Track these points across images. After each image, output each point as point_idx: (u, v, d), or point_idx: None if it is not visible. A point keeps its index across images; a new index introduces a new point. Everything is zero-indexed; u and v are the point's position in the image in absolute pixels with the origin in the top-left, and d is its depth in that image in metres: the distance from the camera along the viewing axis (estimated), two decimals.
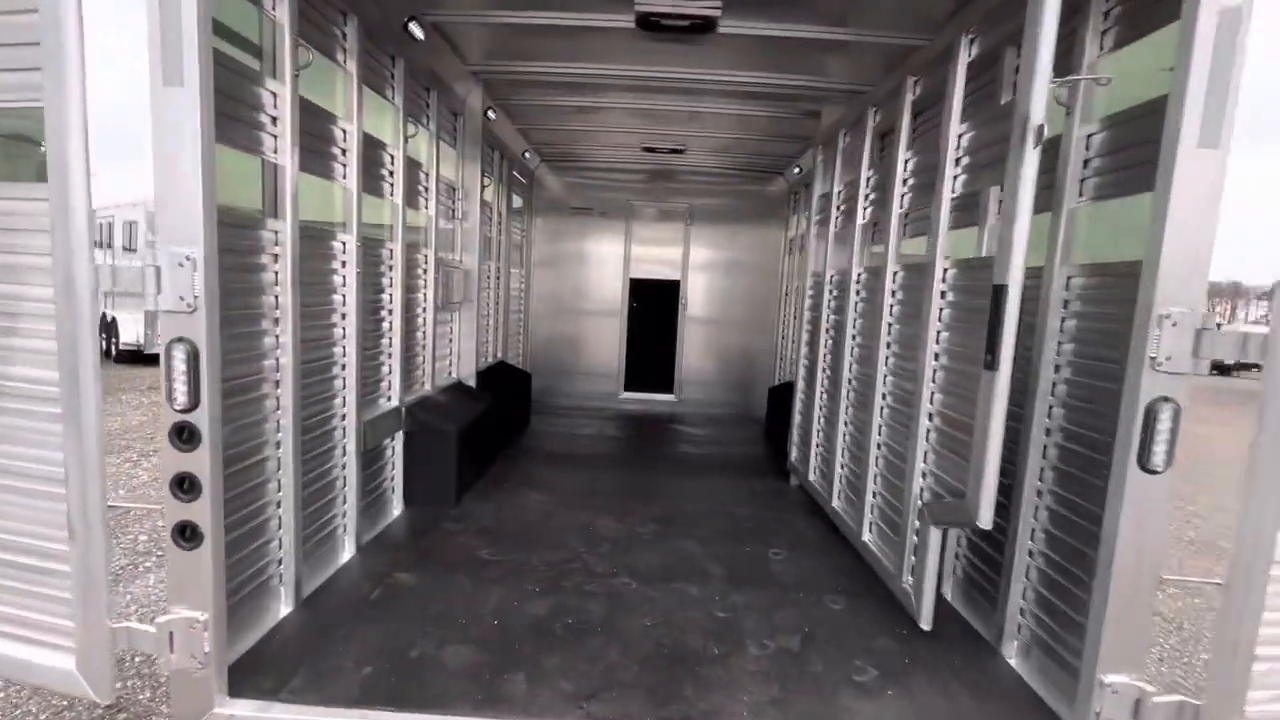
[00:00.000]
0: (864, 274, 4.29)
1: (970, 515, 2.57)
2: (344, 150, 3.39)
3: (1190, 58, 1.99)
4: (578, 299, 9.02)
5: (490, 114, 5.48)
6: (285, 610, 2.99)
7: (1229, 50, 1.96)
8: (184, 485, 2.20)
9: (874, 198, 4.21)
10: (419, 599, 3.21)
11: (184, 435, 2.18)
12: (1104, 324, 2.54)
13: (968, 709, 2.58)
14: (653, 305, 8.97)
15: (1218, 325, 2.11)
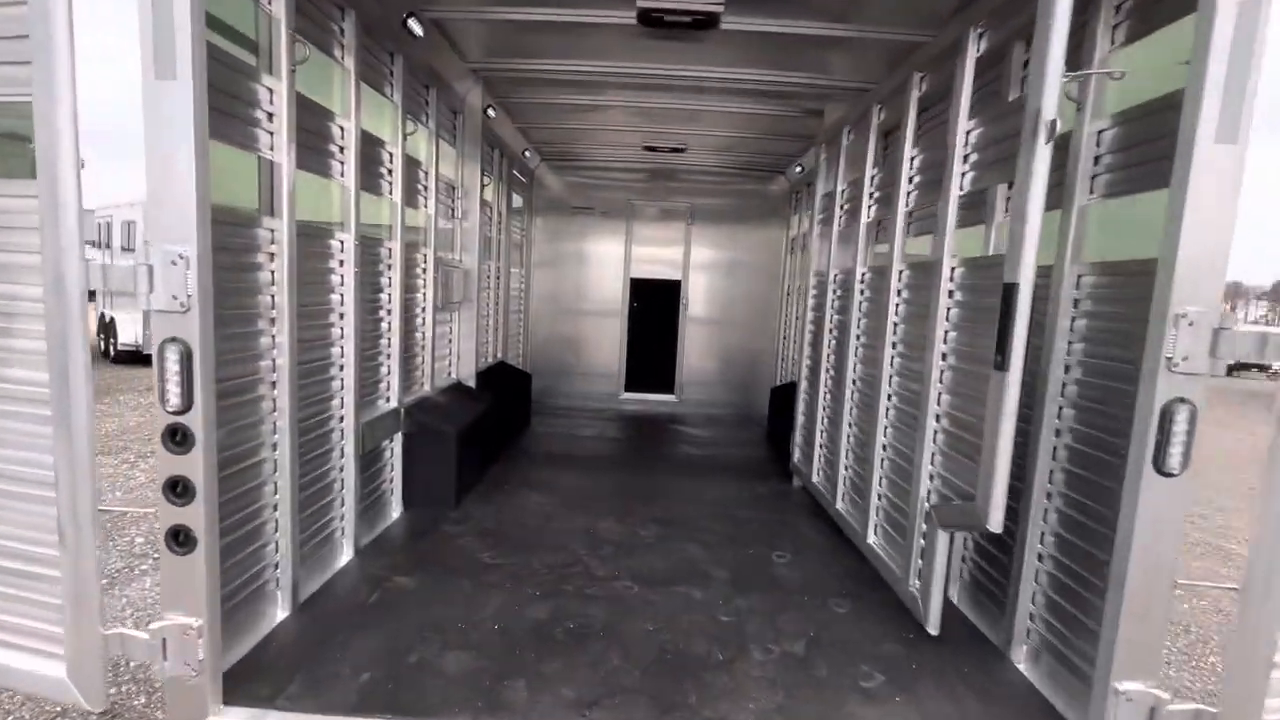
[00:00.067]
0: (868, 273, 4.24)
1: (980, 519, 2.52)
2: (342, 148, 3.34)
3: (1208, 51, 1.95)
4: (578, 299, 8.96)
5: (490, 112, 5.43)
6: (282, 615, 2.94)
7: (1248, 43, 1.92)
8: (177, 489, 2.15)
9: (878, 196, 4.17)
10: (418, 603, 3.17)
11: (177, 437, 2.13)
12: (1116, 323, 2.50)
13: (977, 716, 2.54)
14: (653, 305, 8.92)
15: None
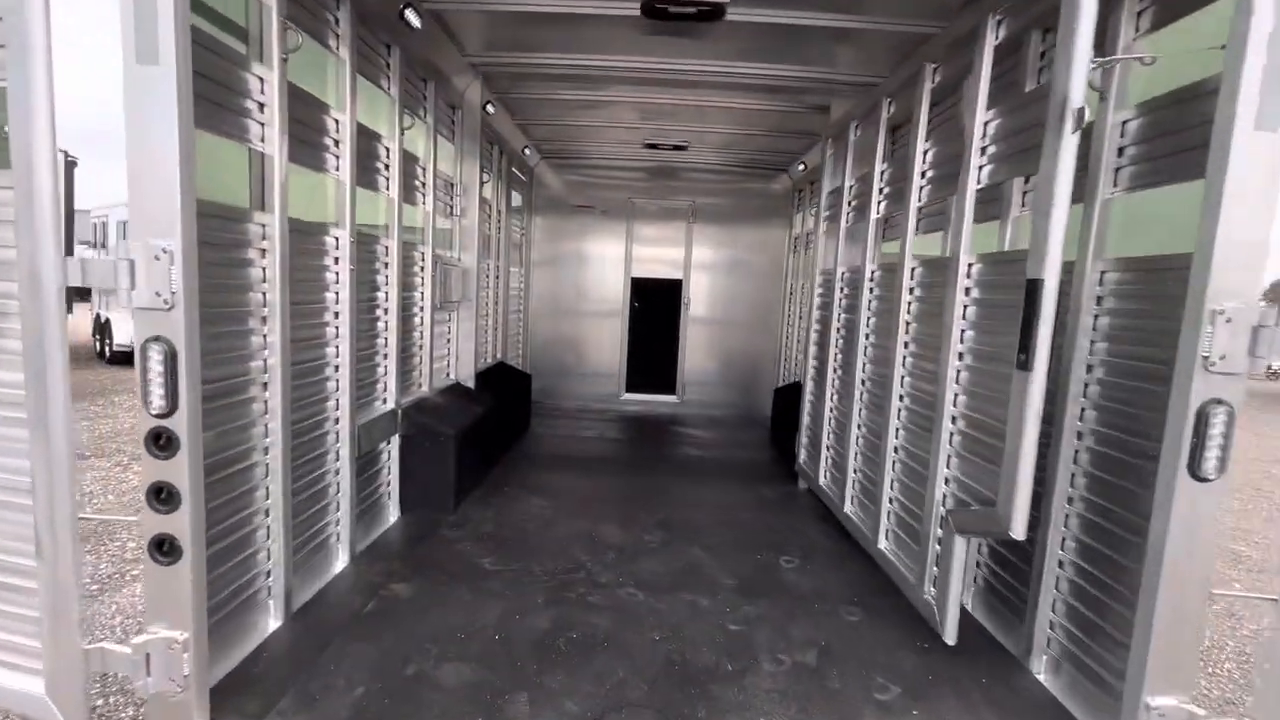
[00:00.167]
0: (878, 270, 4.14)
1: (1001, 525, 2.42)
2: (336, 141, 3.24)
3: (1246, 34, 1.86)
4: (578, 299, 8.85)
5: (489, 108, 5.32)
6: (274, 625, 2.83)
7: None
8: (161, 495, 2.05)
9: (888, 191, 4.06)
10: (415, 612, 3.06)
11: (161, 442, 2.03)
12: (1141, 321, 2.40)
13: None
14: (654, 305, 8.81)
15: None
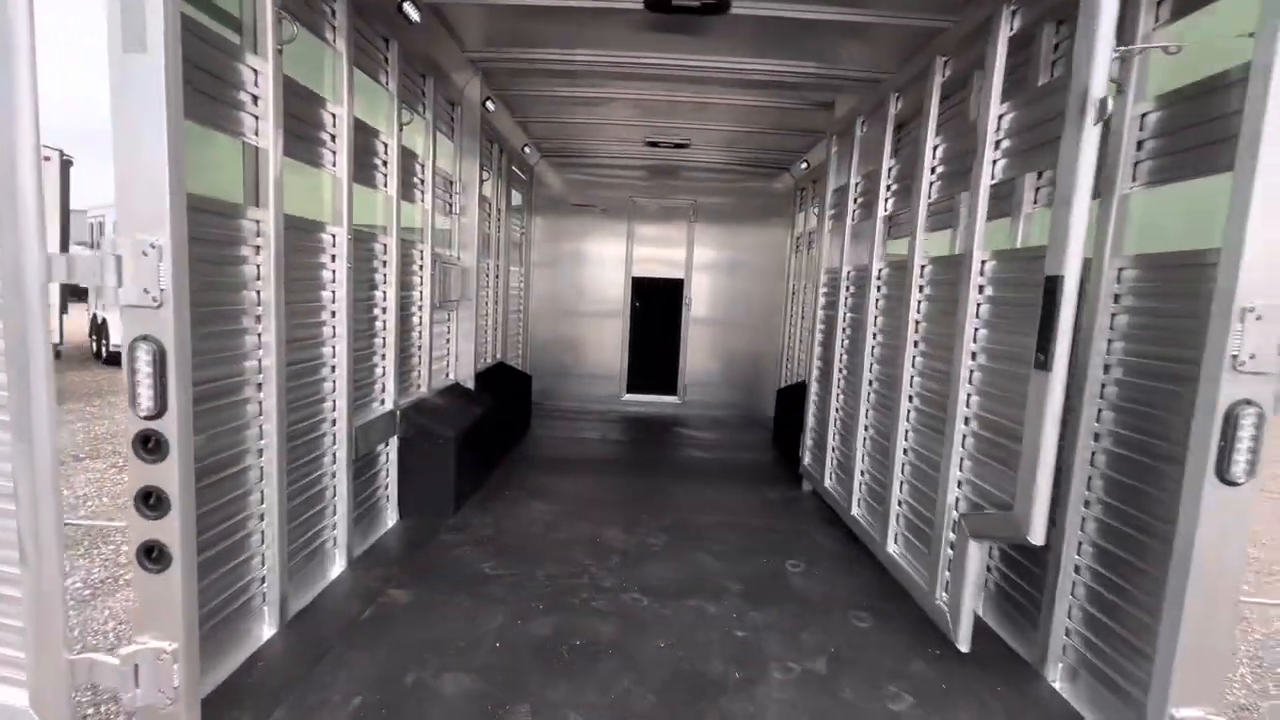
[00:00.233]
0: (886, 269, 4.06)
1: (1019, 529, 2.35)
2: (333, 136, 3.16)
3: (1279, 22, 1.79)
4: (578, 298, 8.77)
5: (489, 105, 5.25)
6: (268, 633, 2.75)
7: None
8: (150, 500, 1.97)
9: (896, 188, 3.99)
10: (414, 619, 2.98)
11: (150, 445, 1.94)
12: (1162, 319, 2.33)
13: None
14: (655, 305, 8.73)
15: None
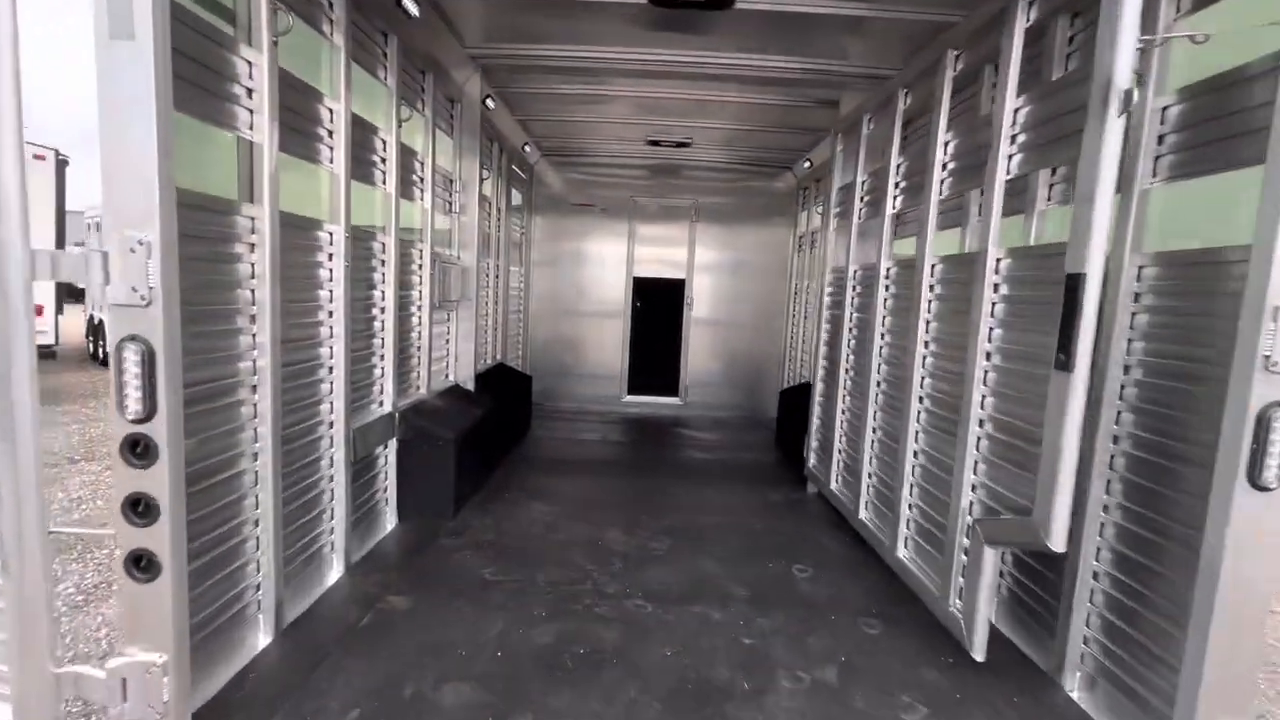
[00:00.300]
0: (894, 267, 3.99)
1: (1039, 535, 2.27)
2: (330, 131, 3.09)
3: None
4: (579, 299, 8.70)
5: (489, 102, 5.17)
6: (264, 641, 2.68)
7: None
8: (138, 507, 1.89)
9: (905, 185, 3.91)
10: (414, 626, 2.91)
11: (138, 450, 1.87)
12: (1184, 319, 2.25)
13: None
14: (657, 305, 8.66)
15: None
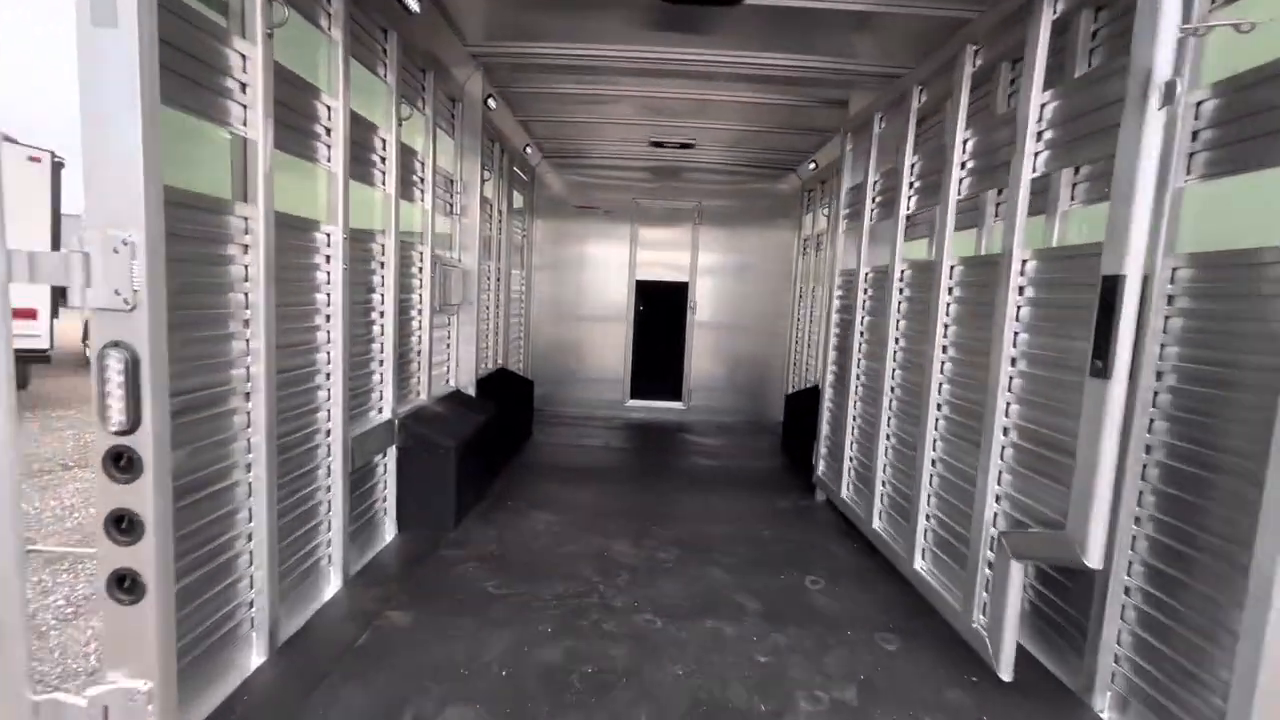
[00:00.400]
0: (909, 270, 3.88)
1: (1072, 551, 2.16)
2: (328, 129, 2.98)
3: None
4: (581, 303, 8.59)
5: (490, 102, 5.07)
6: (257, 660, 2.56)
7: None
8: (122, 524, 1.78)
9: (919, 185, 3.81)
10: (414, 644, 2.79)
11: (121, 463, 1.76)
12: (1221, 323, 2.15)
13: None
14: (660, 309, 8.56)
15: None
